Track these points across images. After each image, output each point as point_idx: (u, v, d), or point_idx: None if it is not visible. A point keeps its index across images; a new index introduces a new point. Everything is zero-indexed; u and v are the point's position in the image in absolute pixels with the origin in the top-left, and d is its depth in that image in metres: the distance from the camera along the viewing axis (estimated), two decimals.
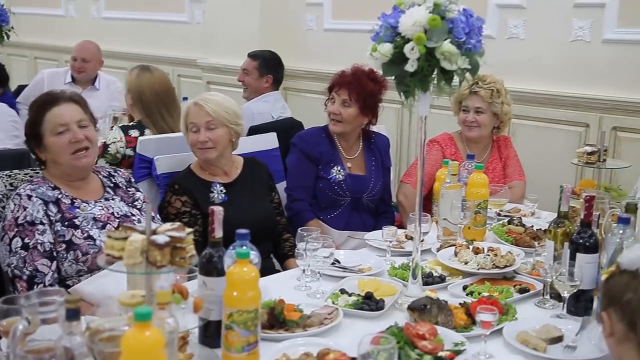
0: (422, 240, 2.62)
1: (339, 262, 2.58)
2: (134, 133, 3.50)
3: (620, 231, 2.20)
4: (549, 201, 3.08)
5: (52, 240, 2.41)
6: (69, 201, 2.50)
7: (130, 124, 3.63)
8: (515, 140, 4.13)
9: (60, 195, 2.50)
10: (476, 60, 2.04)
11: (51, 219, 2.43)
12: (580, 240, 2.19)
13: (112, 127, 3.71)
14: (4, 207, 2.53)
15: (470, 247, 2.62)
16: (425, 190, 3.37)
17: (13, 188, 2.57)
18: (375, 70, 3.16)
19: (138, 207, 2.66)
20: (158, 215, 2.82)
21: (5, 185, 2.59)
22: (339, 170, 3.32)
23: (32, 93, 4.81)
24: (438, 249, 2.72)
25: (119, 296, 1.62)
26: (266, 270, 2.74)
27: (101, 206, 2.56)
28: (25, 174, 2.65)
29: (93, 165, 2.65)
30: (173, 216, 2.88)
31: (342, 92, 3.29)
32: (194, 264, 1.68)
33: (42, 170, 2.60)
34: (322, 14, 5.56)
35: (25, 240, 2.38)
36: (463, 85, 3.46)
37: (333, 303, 2.20)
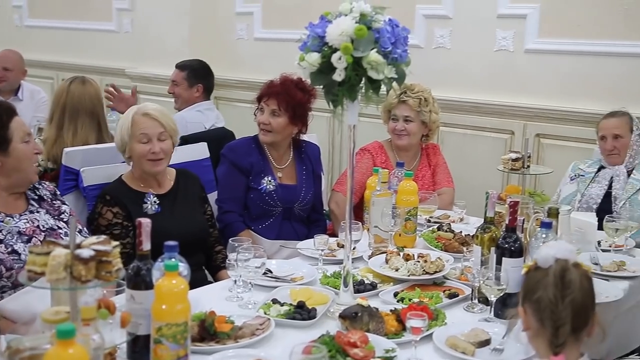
0: (354, 248, 2.64)
1: (271, 272, 2.57)
2: None
3: (543, 235, 2.28)
4: (477, 207, 3.15)
5: None
6: None
7: None
8: (444, 147, 4.22)
9: None
10: (403, 69, 2.08)
11: None
12: (506, 245, 2.25)
13: (36, 139, 3.60)
14: None
15: (401, 254, 2.65)
16: (356, 199, 3.40)
17: None
18: (304, 80, 3.17)
19: (65, 220, 2.60)
20: (85, 229, 2.75)
21: None
22: (270, 181, 3.32)
23: None
24: (369, 257, 2.74)
25: (42, 313, 1.58)
26: (198, 282, 2.71)
27: (26, 219, 2.49)
28: None
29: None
30: (104, 228, 2.81)
31: (271, 102, 3.29)
32: (121, 277, 1.65)
33: None
34: (253, 23, 5.56)
35: None
36: (392, 94, 3.51)
37: (265, 313, 2.18)
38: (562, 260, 1.70)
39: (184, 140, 3.98)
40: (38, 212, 2.55)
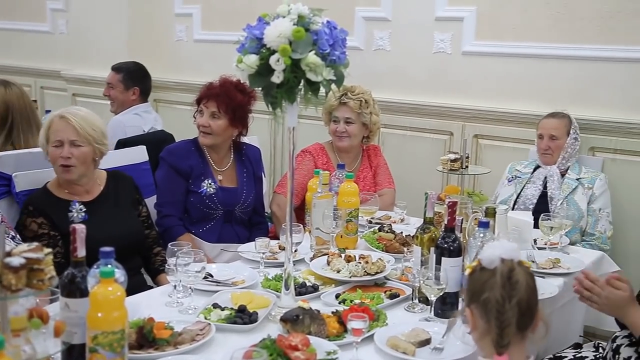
0: (296, 251, 2.64)
1: (211, 276, 2.54)
2: None
3: (481, 235, 2.31)
4: (418, 208, 3.18)
5: None
6: None
7: None
8: (385, 149, 4.26)
9: None
10: (341, 71, 2.08)
11: None
12: (445, 245, 2.27)
13: None
14: None
15: (343, 256, 2.66)
16: (298, 200, 3.39)
17: None
18: (244, 81, 3.14)
19: None
20: (19, 235, 2.66)
21: None
22: (210, 184, 3.28)
23: None
24: (311, 259, 2.74)
25: None
26: (137, 286, 2.66)
27: None
28: None
29: None
30: (30, 240, 2.70)
31: (211, 104, 3.26)
32: (54, 285, 1.60)
33: None
34: (192, 25, 5.49)
35: None
36: (332, 96, 3.52)
37: (205, 318, 2.16)
38: (508, 260, 1.73)
39: (122, 144, 3.91)
40: None
